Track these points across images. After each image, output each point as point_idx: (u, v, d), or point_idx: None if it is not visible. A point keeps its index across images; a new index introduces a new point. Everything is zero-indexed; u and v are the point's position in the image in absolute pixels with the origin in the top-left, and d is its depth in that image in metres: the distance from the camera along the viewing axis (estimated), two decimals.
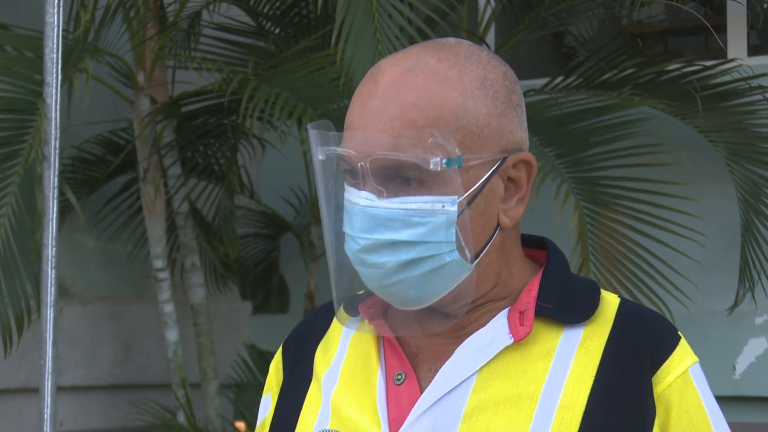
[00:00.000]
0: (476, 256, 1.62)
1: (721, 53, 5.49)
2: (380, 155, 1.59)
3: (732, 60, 5.18)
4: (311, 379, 1.77)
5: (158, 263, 5.45)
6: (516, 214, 1.66)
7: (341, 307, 1.72)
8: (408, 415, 1.64)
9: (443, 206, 1.59)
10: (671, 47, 6.67)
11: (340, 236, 1.65)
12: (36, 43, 4.66)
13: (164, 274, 5.46)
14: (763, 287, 5.00)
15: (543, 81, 5.42)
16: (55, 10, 4.01)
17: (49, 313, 3.93)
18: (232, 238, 5.36)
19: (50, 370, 3.94)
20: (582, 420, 1.60)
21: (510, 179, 1.65)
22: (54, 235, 4.01)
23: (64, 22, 4.30)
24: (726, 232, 5.27)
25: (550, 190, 4.80)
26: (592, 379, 1.63)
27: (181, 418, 5.52)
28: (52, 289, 3.96)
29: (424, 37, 4.25)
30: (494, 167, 1.62)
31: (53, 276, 3.96)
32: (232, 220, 5.35)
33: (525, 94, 5.31)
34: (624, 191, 4.86)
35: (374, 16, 4.21)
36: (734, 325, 5.22)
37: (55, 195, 4.03)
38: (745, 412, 5.26)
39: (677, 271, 4.81)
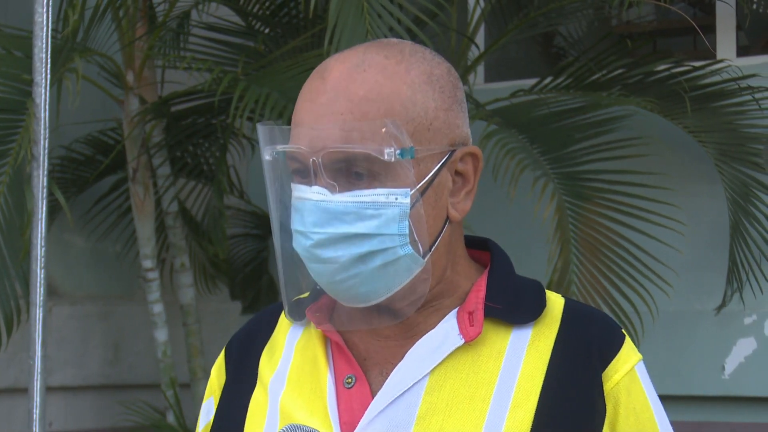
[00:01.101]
0: (428, 251, 1.63)
1: (710, 54, 5.49)
2: (333, 149, 1.59)
3: (721, 61, 5.19)
4: (256, 383, 1.75)
5: (147, 263, 5.44)
6: (464, 207, 1.68)
7: (288, 310, 1.72)
8: (360, 418, 1.63)
9: (396, 198, 1.60)
10: (660, 48, 6.68)
11: (289, 236, 1.65)
12: (25, 42, 4.65)
13: (153, 274, 5.45)
14: (751, 287, 5.01)
15: (532, 81, 5.42)
16: (44, 10, 4.00)
17: (38, 313, 3.93)
18: (222, 239, 5.36)
19: (39, 370, 3.93)
20: (534, 419, 1.62)
21: (458, 173, 1.67)
22: (43, 234, 4.00)
23: (53, 22, 4.30)
24: (714, 232, 5.27)
25: (531, 184, 4.79)
26: (543, 377, 1.64)
27: (171, 418, 5.51)
28: (41, 289, 3.95)
29: (414, 37, 4.25)
30: (443, 159, 1.64)
31: (42, 276, 3.96)
32: (221, 220, 5.34)
33: (514, 94, 5.36)
34: (607, 184, 4.85)
35: (366, 18, 4.20)
36: (723, 325, 5.23)
37: (44, 195, 4.02)
38: (734, 412, 5.27)
39: (665, 263, 4.81)
